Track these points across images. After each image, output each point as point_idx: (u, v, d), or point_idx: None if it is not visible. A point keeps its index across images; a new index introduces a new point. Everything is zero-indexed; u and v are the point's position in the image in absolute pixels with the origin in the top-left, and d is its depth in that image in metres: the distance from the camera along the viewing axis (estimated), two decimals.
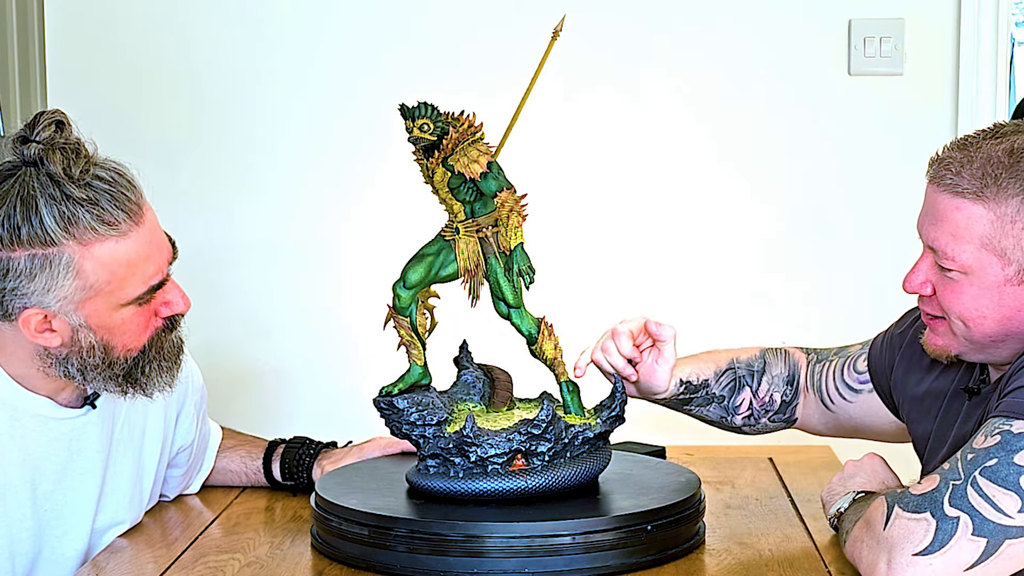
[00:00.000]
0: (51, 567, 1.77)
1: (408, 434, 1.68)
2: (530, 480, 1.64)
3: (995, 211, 1.55)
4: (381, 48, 2.93)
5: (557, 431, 1.65)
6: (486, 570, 1.56)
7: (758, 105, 2.91)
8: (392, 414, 1.69)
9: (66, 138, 1.64)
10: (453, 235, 1.68)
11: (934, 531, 1.43)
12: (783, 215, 2.93)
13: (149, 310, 1.71)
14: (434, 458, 1.67)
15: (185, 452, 1.98)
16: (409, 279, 1.70)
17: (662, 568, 1.61)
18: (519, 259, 1.67)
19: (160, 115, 2.97)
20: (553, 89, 2.84)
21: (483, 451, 1.63)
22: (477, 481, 1.64)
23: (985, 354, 1.63)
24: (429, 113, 1.64)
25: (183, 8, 2.96)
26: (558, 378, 1.73)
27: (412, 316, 1.71)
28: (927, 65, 2.86)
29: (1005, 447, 1.44)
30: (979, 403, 1.65)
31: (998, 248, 1.55)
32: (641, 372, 1.84)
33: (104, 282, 1.64)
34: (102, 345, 1.68)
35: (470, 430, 1.63)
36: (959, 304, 1.59)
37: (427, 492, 1.67)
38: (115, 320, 1.68)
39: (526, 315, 1.72)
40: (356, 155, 2.96)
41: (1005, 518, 1.42)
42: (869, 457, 1.79)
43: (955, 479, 1.45)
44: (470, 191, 1.66)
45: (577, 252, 2.94)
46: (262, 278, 3.00)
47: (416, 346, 1.72)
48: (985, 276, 1.57)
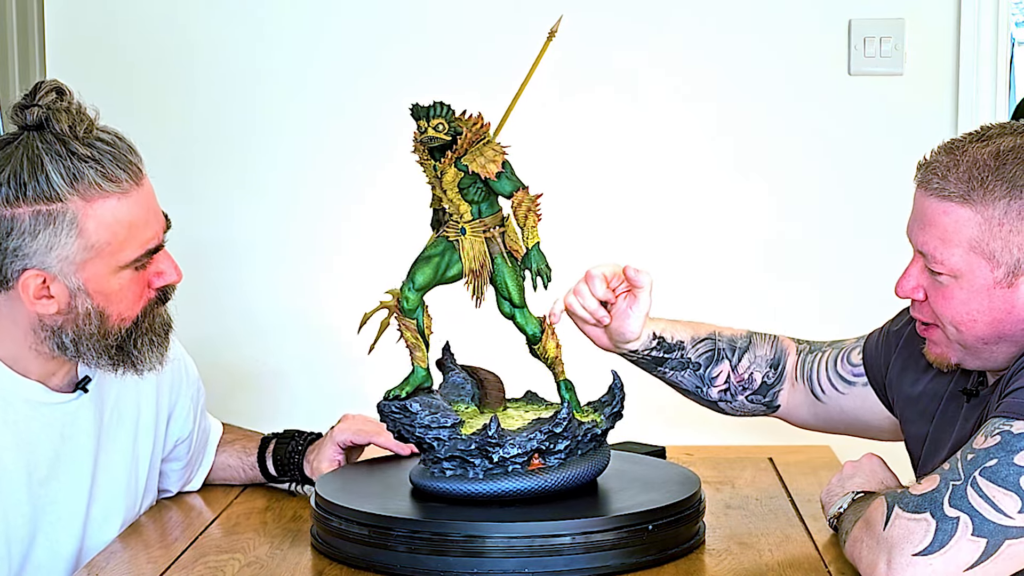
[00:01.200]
0: (46, 554, 1.78)
1: (422, 437, 1.65)
2: (548, 479, 1.64)
3: (982, 214, 1.55)
4: (380, 49, 2.93)
5: (573, 429, 1.65)
6: (486, 570, 1.56)
7: (758, 105, 2.91)
8: (403, 417, 1.67)
9: (68, 102, 1.68)
10: (458, 235, 1.67)
11: (934, 531, 1.43)
12: (782, 215, 2.93)
13: (144, 278, 1.74)
14: (451, 460, 1.65)
15: (183, 445, 1.98)
16: (417, 281, 1.68)
17: (662, 568, 1.61)
18: (536, 259, 1.68)
19: (160, 115, 2.97)
20: (553, 89, 2.84)
21: (505, 451, 1.62)
22: (498, 482, 1.63)
23: (981, 360, 1.62)
24: (444, 113, 1.63)
25: (183, 8, 2.96)
26: (557, 377, 1.74)
27: (419, 318, 1.70)
28: (927, 65, 2.85)
29: (1005, 447, 1.44)
30: (977, 405, 1.65)
31: (986, 251, 1.55)
32: (613, 316, 1.83)
33: (105, 242, 1.67)
34: (98, 312, 1.70)
35: (495, 431, 1.62)
36: (950, 309, 1.59)
37: (444, 495, 1.66)
38: (112, 285, 1.70)
39: (529, 315, 1.72)
40: (356, 155, 2.95)
41: (1005, 518, 1.42)
42: (868, 457, 1.79)
43: (955, 479, 1.45)
44: (479, 191, 1.66)
45: (577, 252, 2.93)
46: (261, 278, 2.99)
47: (421, 348, 1.71)
48: (974, 279, 1.57)
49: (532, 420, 1.67)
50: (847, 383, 1.90)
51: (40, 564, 1.78)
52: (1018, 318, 1.57)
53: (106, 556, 1.73)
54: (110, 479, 1.84)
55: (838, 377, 1.91)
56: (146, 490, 1.92)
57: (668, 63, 2.91)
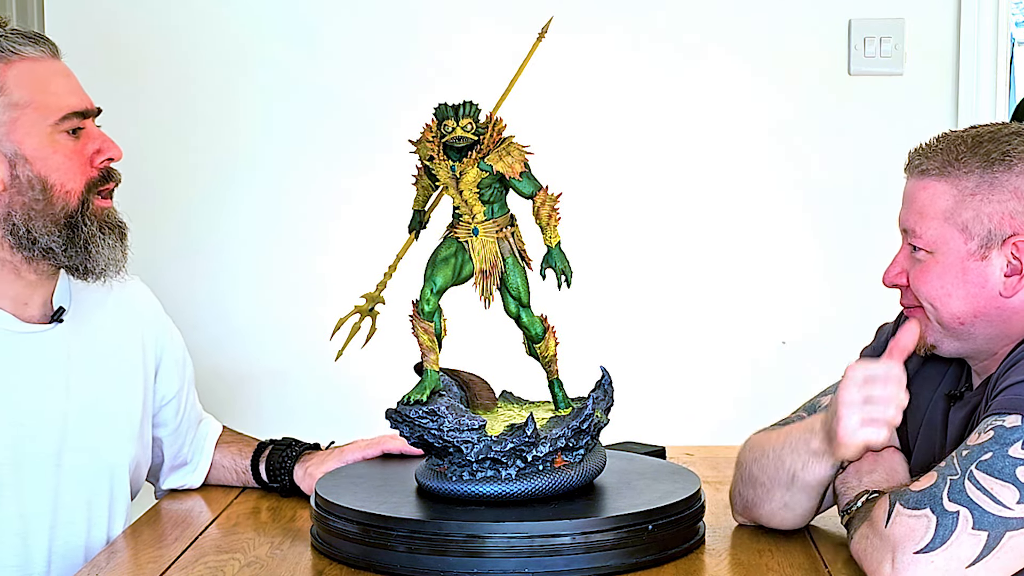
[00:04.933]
0: (30, 466, 1.80)
1: (451, 441, 1.63)
2: (573, 475, 1.65)
3: (956, 186, 1.59)
4: (373, 52, 2.93)
5: (594, 425, 1.67)
6: (486, 570, 1.56)
7: (758, 105, 2.91)
8: (430, 422, 1.64)
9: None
10: (468, 236, 1.67)
11: (935, 527, 1.43)
12: (782, 215, 2.93)
13: (81, 150, 1.80)
14: (482, 463, 1.63)
15: (170, 408, 2.01)
16: (438, 283, 1.66)
17: (662, 568, 1.61)
18: (558, 258, 1.68)
19: (160, 115, 2.97)
20: (552, 89, 2.84)
21: (538, 450, 1.63)
22: (531, 481, 1.63)
23: (960, 342, 1.63)
24: (472, 112, 1.63)
25: (184, 9, 2.96)
26: (550, 375, 1.74)
27: (437, 321, 1.69)
28: (927, 65, 2.86)
29: (999, 440, 1.45)
30: (962, 407, 1.65)
31: (959, 222, 1.59)
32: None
33: (27, 100, 1.76)
34: (40, 180, 1.76)
35: (532, 432, 1.62)
36: (926, 285, 1.62)
37: (471, 498, 1.64)
38: (47, 149, 1.77)
39: (533, 315, 1.72)
40: (357, 155, 2.96)
41: (1004, 510, 1.42)
42: (890, 453, 1.75)
43: (952, 474, 1.45)
44: (496, 192, 1.66)
45: (576, 251, 2.93)
46: (262, 278, 3.00)
47: (435, 351, 1.69)
48: (949, 252, 1.60)
49: (549, 418, 1.68)
50: None
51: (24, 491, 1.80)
52: (991, 294, 1.59)
53: (106, 555, 1.73)
54: (85, 409, 1.85)
55: None
56: (135, 440, 1.93)
57: (668, 63, 2.91)
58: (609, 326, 2.93)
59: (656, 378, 2.90)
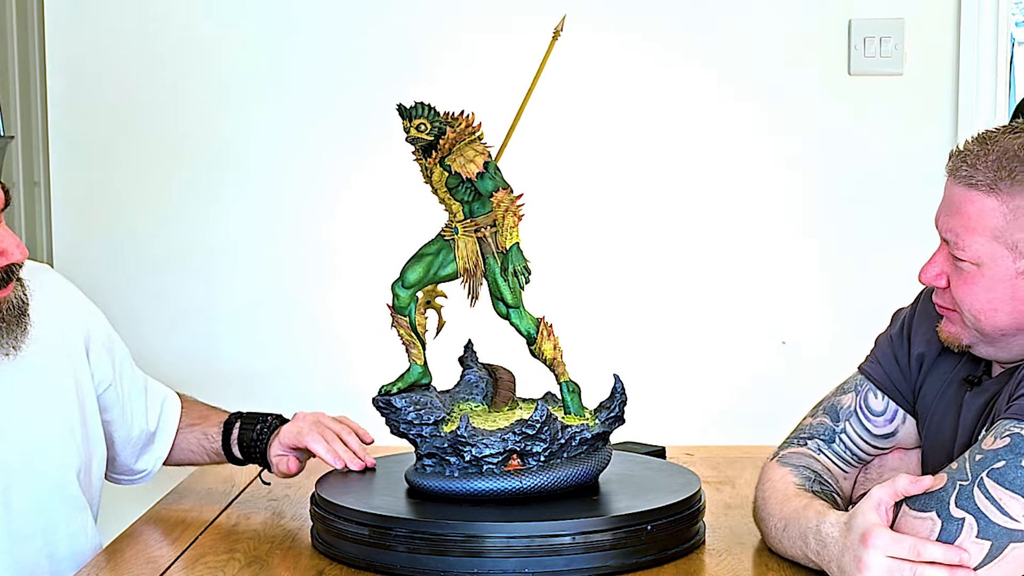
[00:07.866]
0: None
1: (406, 433, 1.69)
2: (525, 480, 1.64)
3: (1007, 204, 1.54)
4: (377, 48, 2.93)
5: (553, 432, 1.64)
6: (486, 570, 1.56)
7: (758, 105, 2.91)
8: (390, 413, 1.70)
9: None
10: (452, 235, 1.68)
11: (939, 531, 1.42)
12: (782, 215, 2.93)
13: None
14: (430, 457, 1.67)
15: (111, 391, 1.97)
16: (408, 279, 1.70)
17: (662, 568, 1.61)
18: (515, 259, 1.67)
19: (160, 115, 2.97)
20: (551, 90, 2.84)
21: (478, 451, 1.63)
22: (472, 481, 1.64)
23: (995, 348, 1.61)
24: (426, 113, 1.64)
25: (184, 9, 2.96)
26: (558, 378, 1.73)
27: (411, 316, 1.71)
28: (927, 65, 2.86)
29: (1014, 450, 1.43)
30: (979, 394, 1.64)
31: (1009, 241, 1.54)
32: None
33: None
34: None
35: (464, 430, 1.63)
36: (971, 296, 1.58)
37: (424, 491, 1.68)
38: None
39: (525, 315, 1.72)
40: (357, 155, 2.96)
41: (1011, 521, 1.41)
42: (918, 454, 1.75)
43: (962, 479, 1.44)
44: (468, 191, 1.66)
45: (576, 252, 2.94)
46: (261, 278, 3.00)
47: (416, 345, 1.72)
48: (996, 269, 1.56)
49: (515, 421, 1.67)
50: (888, 437, 1.78)
51: None
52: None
53: (106, 556, 1.73)
54: (18, 445, 1.80)
55: (875, 438, 1.77)
56: (82, 433, 1.88)
57: (668, 63, 2.91)
58: (609, 326, 2.93)
59: (656, 378, 2.89)
